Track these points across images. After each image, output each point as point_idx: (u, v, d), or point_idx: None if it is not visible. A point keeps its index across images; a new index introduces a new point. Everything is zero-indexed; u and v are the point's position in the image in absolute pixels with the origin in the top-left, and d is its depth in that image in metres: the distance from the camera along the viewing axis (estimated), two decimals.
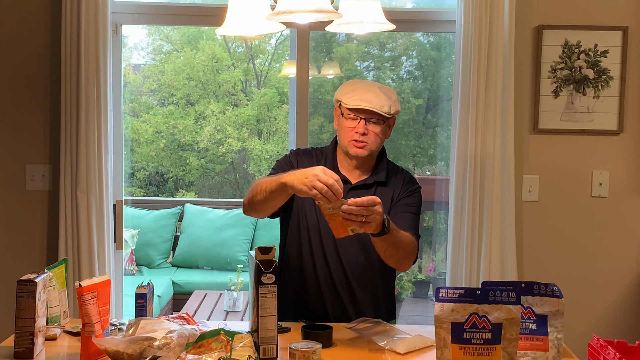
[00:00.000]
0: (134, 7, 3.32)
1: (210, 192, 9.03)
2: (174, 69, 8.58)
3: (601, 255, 3.35)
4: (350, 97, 2.25)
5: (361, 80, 2.41)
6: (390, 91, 2.30)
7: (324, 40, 7.63)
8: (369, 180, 2.33)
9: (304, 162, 2.35)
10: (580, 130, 3.29)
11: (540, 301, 1.84)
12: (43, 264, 3.22)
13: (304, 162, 2.34)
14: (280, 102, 8.47)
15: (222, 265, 6.17)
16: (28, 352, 1.90)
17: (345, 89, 2.30)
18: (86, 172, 3.11)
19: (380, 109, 2.22)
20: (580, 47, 3.25)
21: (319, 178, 1.94)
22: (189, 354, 1.78)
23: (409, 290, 5.70)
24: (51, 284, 2.14)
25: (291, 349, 1.82)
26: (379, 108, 2.22)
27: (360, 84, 2.31)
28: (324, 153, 2.40)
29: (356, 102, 2.23)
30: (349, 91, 2.28)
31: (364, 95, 2.24)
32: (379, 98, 2.24)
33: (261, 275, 1.89)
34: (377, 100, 2.23)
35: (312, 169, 1.98)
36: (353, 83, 2.33)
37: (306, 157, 2.39)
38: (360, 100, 2.23)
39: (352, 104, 2.24)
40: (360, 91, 2.25)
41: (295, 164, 2.34)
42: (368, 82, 2.33)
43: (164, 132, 8.52)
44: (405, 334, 2.10)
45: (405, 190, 2.35)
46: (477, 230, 3.18)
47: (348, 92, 2.28)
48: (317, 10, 1.77)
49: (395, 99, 2.29)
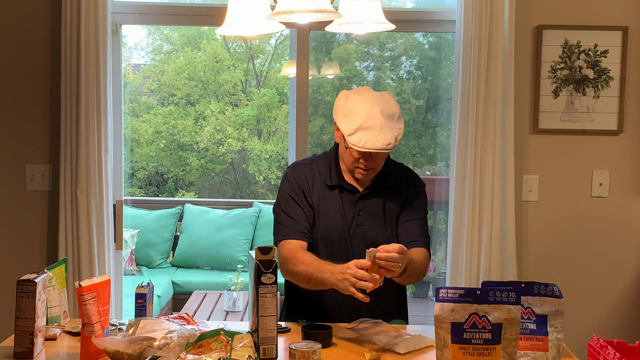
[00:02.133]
0: (134, 7, 3.32)
1: (210, 192, 9.03)
2: (174, 69, 8.58)
3: (601, 255, 3.35)
4: (354, 139, 2.14)
5: (362, 103, 2.19)
6: (393, 115, 2.19)
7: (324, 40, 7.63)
8: (377, 187, 2.31)
9: (308, 176, 2.32)
10: (580, 130, 3.29)
11: (540, 301, 1.84)
12: (43, 264, 3.22)
13: (308, 177, 2.31)
14: (280, 102, 8.46)
15: (222, 265, 6.16)
16: (28, 352, 1.90)
17: (347, 123, 2.17)
18: (86, 172, 3.11)
19: (387, 147, 2.14)
20: (580, 47, 3.25)
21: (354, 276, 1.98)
22: (189, 354, 1.78)
23: (409, 290, 5.70)
24: (51, 284, 2.14)
25: (291, 349, 1.82)
26: (385, 147, 2.14)
27: (362, 116, 2.15)
28: (326, 161, 2.35)
29: (361, 145, 2.14)
30: (351, 127, 2.15)
31: (370, 138, 2.13)
32: (385, 137, 2.13)
33: (261, 275, 1.89)
34: (383, 140, 2.13)
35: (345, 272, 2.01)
36: (355, 113, 2.17)
37: (308, 170, 2.34)
38: (365, 143, 2.13)
39: (358, 146, 2.14)
40: (364, 132, 2.13)
41: (302, 184, 2.30)
42: (370, 109, 2.16)
43: (164, 132, 8.52)
44: (405, 334, 2.10)
45: (414, 192, 2.34)
46: (477, 230, 3.18)
47: (351, 128, 2.15)
48: (317, 10, 1.77)
49: (399, 125, 2.19)
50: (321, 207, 2.29)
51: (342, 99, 2.23)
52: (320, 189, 2.31)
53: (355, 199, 2.29)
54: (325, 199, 2.30)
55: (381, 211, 2.30)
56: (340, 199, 2.29)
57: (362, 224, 2.28)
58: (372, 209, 2.29)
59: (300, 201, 2.29)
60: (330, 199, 2.30)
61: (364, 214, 2.28)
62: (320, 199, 2.30)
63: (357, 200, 2.29)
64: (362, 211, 2.28)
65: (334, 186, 2.30)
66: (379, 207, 2.30)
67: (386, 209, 2.30)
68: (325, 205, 2.29)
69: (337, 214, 2.28)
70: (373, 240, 2.24)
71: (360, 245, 2.24)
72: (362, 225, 2.27)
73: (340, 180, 2.30)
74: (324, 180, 2.31)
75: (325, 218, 2.28)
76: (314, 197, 2.30)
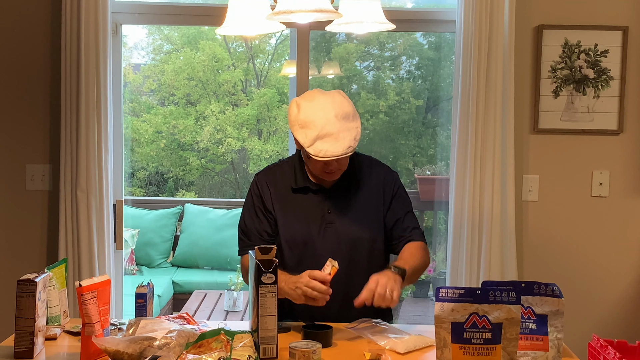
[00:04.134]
0: (134, 7, 3.32)
1: (210, 192, 9.03)
2: (174, 69, 8.57)
3: (601, 255, 3.35)
4: (314, 149, 2.11)
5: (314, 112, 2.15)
6: (348, 115, 2.15)
7: (324, 40, 7.62)
8: (344, 182, 2.30)
9: (271, 184, 2.33)
10: (580, 130, 3.29)
11: (540, 301, 1.85)
12: (43, 264, 3.22)
13: (271, 185, 2.32)
14: (280, 102, 8.46)
15: (222, 265, 6.17)
16: (28, 352, 1.90)
17: (304, 134, 2.14)
18: (86, 172, 3.11)
19: (347, 150, 2.13)
20: (580, 47, 3.25)
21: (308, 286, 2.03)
22: (189, 353, 1.78)
23: (409, 290, 5.70)
24: (51, 283, 2.14)
25: (291, 348, 1.83)
26: (345, 151, 2.12)
27: (318, 125, 2.11)
28: (291, 165, 2.35)
29: (322, 155, 2.11)
30: (309, 139, 2.12)
31: (329, 147, 2.10)
32: (344, 141, 2.11)
33: (261, 275, 1.90)
34: (342, 146, 2.11)
35: (298, 281, 2.06)
36: (309, 122, 2.13)
37: (271, 177, 2.35)
38: (326, 152, 2.10)
39: (319, 156, 2.12)
40: (323, 141, 2.11)
41: (263, 194, 2.32)
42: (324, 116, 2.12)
43: (164, 132, 8.52)
44: (405, 334, 2.10)
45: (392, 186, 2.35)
46: (477, 230, 3.18)
47: (309, 140, 2.12)
48: (317, 10, 1.78)
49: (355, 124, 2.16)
50: (282, 212, 2.30)
51: (294, 109, 2.19)
52: (283, 193, 2.32)
53: (323, 197, 2.30)
54: (287, 204, 2.31)
55: (350, 206, 2.31)
56: (305, 202, 2.30)
57: (333, 222, 2.29)
58: (341, 205, 2.30)
59: (260, 212, 2.31)
60: (294, 202, 2.31)
61: (333, 212, 2.29)
62: (282, 204, 2.31)
63: (325, 198, 2.30)
64: (331, 209, 2.29)
65: (300, 188, 2.31)
66: (348, 203, 2.31)
67: (356, 203, 2.31)
68: (286, 209, 2.30)
69: (301, 217, 2.29)
70: (346, 235, 2.27)
71: (334, 242, 2.26)
72: (332, 223, 2.28)
73: (305, 181, 2.31)
74: (289, 184, 2.32)
75: (287, 222, 2.29)
76: (275, 203, 2.31)
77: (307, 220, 2.29)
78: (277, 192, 2.33)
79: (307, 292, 2.03)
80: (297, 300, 2.08)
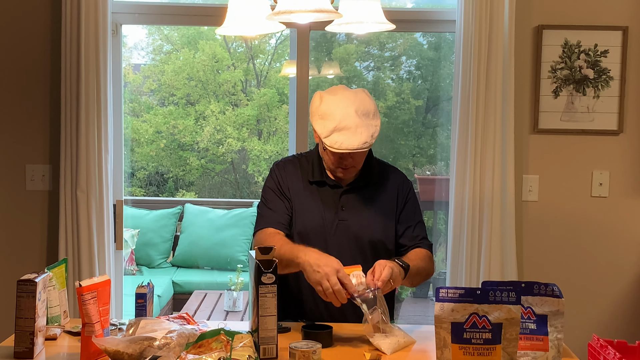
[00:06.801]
0: (134, 7, 3.32)
1: (210, 192, 9.03)
2: (174, 69, 8.58)
3: (601, 255, 3.35)
4: (330, 140, 2.15)
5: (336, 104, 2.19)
6: (368, 112, 2.18)
7: (324, 40, 7.62)
8: (360, 183, 2.33)
9: (290, 173, 2.35)
10: (580, 130, 3.29)
11: (540, 301, 1.84)
12: (43, 264, 3.22)
13: (290, 174, 2.34)
14: (280, 102, 8.46)
15: (222, 265, 6.17)
16: (28, 352, 1.90)
17: (323, 125, 2.17)
18: (86, 172, 3.11)
19: (363, 145, 2.15)
20: (580, 47, 3.25)
21: (328, 279, 1.97)
22: (189, 354, 1.78)
23: (409, 290, 5.70)
24: (51, 284, 2.14)
25: (291, 349, 1.82)
26: (361, 146, 2.15)
27: (337, 117, 2.15)
28: (309, 159, 2.38)
29: (337, 146, 2.14)
30: (327, 129, 2.16)
31: (346, 139, 2.13)
32: (361, 136, 2.14)
33: (261, 275, 1.89)
34: (359, 140, 2.14)
35: (328, 264, 2.01)
36: (330, 114, 2.17)
37: (291, 167, 2.37)
38: (342, 144, 2.14)
39: (334, 147, 2.15)
40: (340, 133, 2.14)
41: (283, 180, 2.34)
42: (344, 110, 2.16)
43: (164, 132, 8.52)
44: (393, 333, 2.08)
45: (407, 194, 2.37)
46: (477, 230, 3.18)
47: (326, 130, 2.16)
48: (317, 10, 1.78)
49: (375, 122, 2.19)
50: (299, 203, 2.31)
51: (316, 101, 2.24)
52: (301, 185, 2.33)
53: (338, 194, 2.31)
54: (304, 195, 2.32)
55: (364, 206, 2.31)
56: (321, 196, 2.31)
57: (346, 219, 2.29)
58: (355, 204, 2.31)
59: (279, 195, 2.33)
60: (310, 195, 2.32)
61: (346, 209, 2.30)
62: (299, 195, 2.32)
63: (340, 195, 2.30)
64: (344, 206, 2.30)
65: (316, 182, 2.32)
66: (362, 203, 2.31)
67: (369, 204, 2.32)
68: (303, 201, 2.31)
69: (315, 210, 2.30)
70: (357, 234, 2.27)
71: (344, 239, 2.27)
72: (345, 220, 2.29)
73: (323, 176, 2.32)
74: (306, 177, 2.34)
75: (302, 214, 2.30)
76: (292, 193, 2.32)
77: (321, 214, 2.29)
78: (295, 181, 2.34)
79: (326, 289, 1.98)
80: (310, 279, 2.02)
